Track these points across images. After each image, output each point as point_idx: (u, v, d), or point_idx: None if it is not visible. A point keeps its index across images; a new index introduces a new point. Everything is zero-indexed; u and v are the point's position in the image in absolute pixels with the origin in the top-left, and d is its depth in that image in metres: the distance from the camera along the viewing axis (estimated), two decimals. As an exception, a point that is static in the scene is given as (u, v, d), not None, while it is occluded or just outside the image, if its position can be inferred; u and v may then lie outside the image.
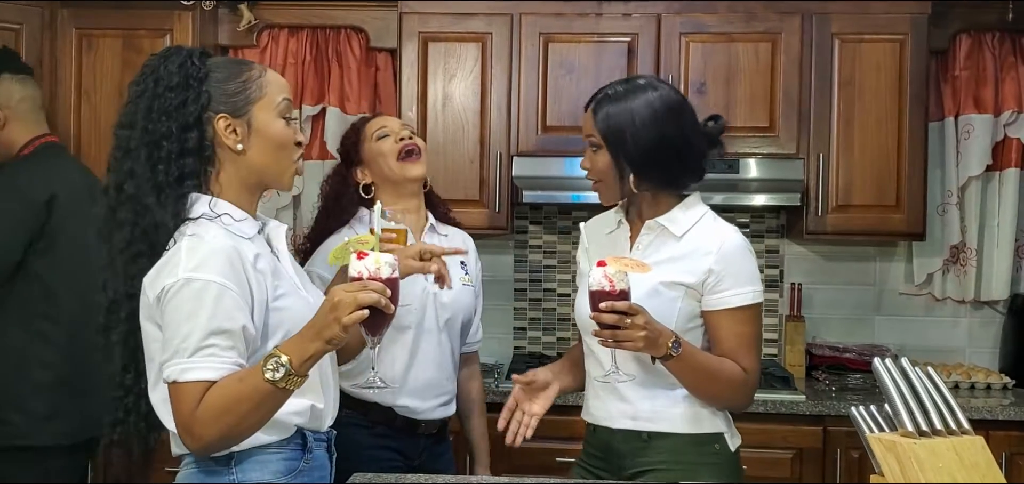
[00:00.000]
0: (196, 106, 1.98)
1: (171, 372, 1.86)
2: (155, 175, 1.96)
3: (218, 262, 1.88)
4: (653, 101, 2.35)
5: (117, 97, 3.92)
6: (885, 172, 3.77)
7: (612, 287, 2.15)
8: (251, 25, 3.99)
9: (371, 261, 1.89)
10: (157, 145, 1.97)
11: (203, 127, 1.99)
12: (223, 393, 1.85)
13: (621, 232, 2.48)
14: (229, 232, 1.96)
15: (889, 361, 1.83)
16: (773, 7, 3.79)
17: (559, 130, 3.82)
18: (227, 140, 2.00)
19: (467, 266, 2.88)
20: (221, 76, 2.02)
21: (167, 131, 1.97)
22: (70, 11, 3.94)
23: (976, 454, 1.75)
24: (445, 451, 2.88)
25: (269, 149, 2.04)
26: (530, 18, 3.84)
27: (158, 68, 2.02)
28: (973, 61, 3.97)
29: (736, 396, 2.38)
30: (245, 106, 2.02)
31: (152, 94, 2.00)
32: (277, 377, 1.82)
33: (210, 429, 1.86)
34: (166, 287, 1.88)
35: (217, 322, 1.86)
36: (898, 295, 4.19)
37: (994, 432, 3.40)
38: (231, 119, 2.00)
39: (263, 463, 1.98)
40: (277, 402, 1.88)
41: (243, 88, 2.02)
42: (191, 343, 1.85)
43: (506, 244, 4.24)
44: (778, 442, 3.49)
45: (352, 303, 1.83)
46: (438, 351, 2.75)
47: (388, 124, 2.82)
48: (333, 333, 1.83)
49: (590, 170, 2.42)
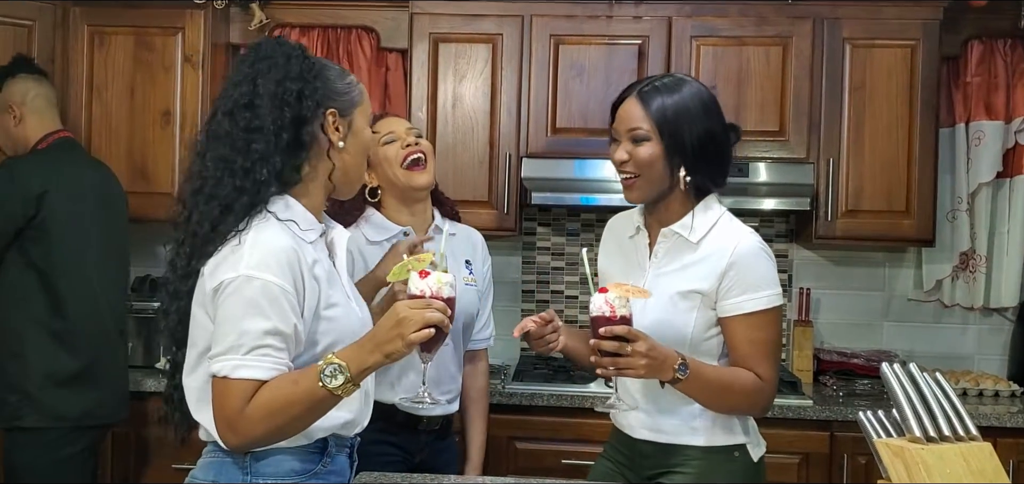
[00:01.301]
0: (312, 100, 1.99)
1: (222, 367, 1.86)
2: (259, 162, 1.94)
3: (279, 262, 1.89)
4: (701, 93, 2.34)
5: (128, 94, 3.95)
6: (895, 178, 3.76)
7: (613, 313, 2.14)
8: (262, 24, 4.00)
9: (433, 280, 1.95)
10: (275, 133, 1.95)
11: (314, 121, 2.00)
12: (275, 394, 1.86)
13: (640, 238, 2.45)
14: (292, 233, 1.96)
15: (897, 366, 1.82)
16: (785, 11, 3.78)
17: (569, 132, 3.82)
18: (333, 135, 2.02)
19: (472, 266, 2.87)
20: (331, 75, 2.05)
21: (282, 121, 1.96)
22: (82, 9, 3.96)
23: (984, 461, 1.74)
24: (447, 448, 2.86)
25: (359, 152, 2.09)
26: (541, 20, 3.84)
27: (276, 55, 2.00)
28: (984, 67, 3.96)
29: (753, 405, 2.35)
30: (350, 107, 2.05)
31: (276, 80, 1.97)
32: (335, 384, 1.84)
33: (256, 428, 1.87)
34: (225, 281, 1.88)
35: (274, 323, 1.87)
36: (907, 301, 4.19)
37: (1002, 439, 3.39)
38: (338, 117, 2.03)
39: (279, 463, 1.98)
40: (327, 408, 1.90)
41: (349, 89, 2.06)
42: (247, 341, 1.85)
43: (514, 246, 4.24)
44: (785, 447, 3.48)
45: (420, 321, 1.87)
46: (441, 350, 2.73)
47: (395, 128, 2.77)
48: (395, 348, 1.87)
49: (628, 162, 2.33)
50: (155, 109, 3.95)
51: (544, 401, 3.57)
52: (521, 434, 3.57)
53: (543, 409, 3.57)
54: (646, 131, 2.30)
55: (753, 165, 3.72)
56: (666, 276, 2.36)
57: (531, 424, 3.57)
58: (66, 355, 3.32)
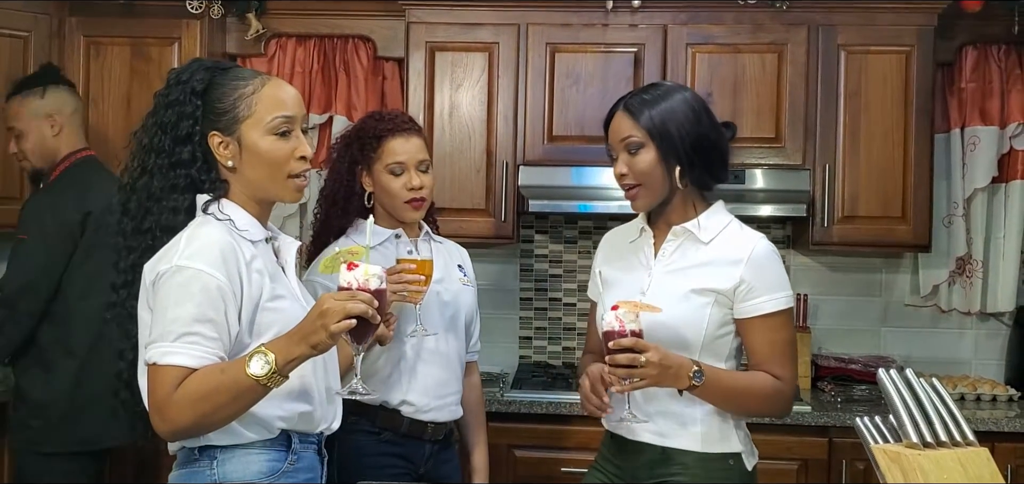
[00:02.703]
0: (189, 122, 2.05)
1: (152, 354, 1.90)
2: (156, 181, 2.05)
3: (212, 254, 1.94)
4: (688, 98, 2.39)
5: (125, 105, 3.94)
6: (891, 183, 3.77)
7: (623, 328, 2.18)
8: (259, 34, 4.00)
9: (360, 272, 1.95)
10: (157, 153, 2.05)
11: (199, 142, 2.06)
12: (203, 382, 1.89)
13: (644, 240, 2.47)
14: (230, 229, 2.01)
15: (894, 372, 1.83)
16: (780, 18, 3.79)
17: (565, 140, 3.83)
18: (220, 157, 2.06)
19: (465, 269, 2.88)
20: (216, 94, 2.07)
21: (160, 145, 2.05)
22: (78, 19, 3.96)
23: (981, 466, 1.74)
24: (450, 458, 2.85)
25: (261, 166, 2.07)
26: (537, 28, 3.85)
27: (169, 81, 2.10)
28: (979, 73, 3.97)
29: (773, 407, 2.40)
30: (234, 124, 2.06)
31: (156, 107, 2.09)
32: (260, 373, 1.87)
33: (184, 414, 1.89)
34: (160, 272, 1.94)
35: (203, 311, 1.91)
36: (904, 306, 4.19)
37: (999, 444, 3.40)
38: (223, 136, 2.06)
39: (246, 463, 2.01)
40: (255, 397, 1.92)
41: (233, 107, 2.06)
42: (176, 328, 1.90)
43: (512, 253, 4.24)
44: (783, 453, 3.49)
45: (340, 312, 1.87)
46: (444, 349, 2.74)
47: (405, 158, 2.68)
48: (319, 339, 1.88)
49: (628, 174, 2.37)
50: (151, 119, 3.94)
51: (543, 409, 3.57)
52: (520, 442, 3.57)
53: (542, 417, 3.57)
54: (639, 139, 2.35)
55: (749, 171, 3.73)
56: (676, 273, 2.38)
57: (530, 432, 3.57)
58: (86, 378, 3.31)
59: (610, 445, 2.50)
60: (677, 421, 2.36)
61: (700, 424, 2.36)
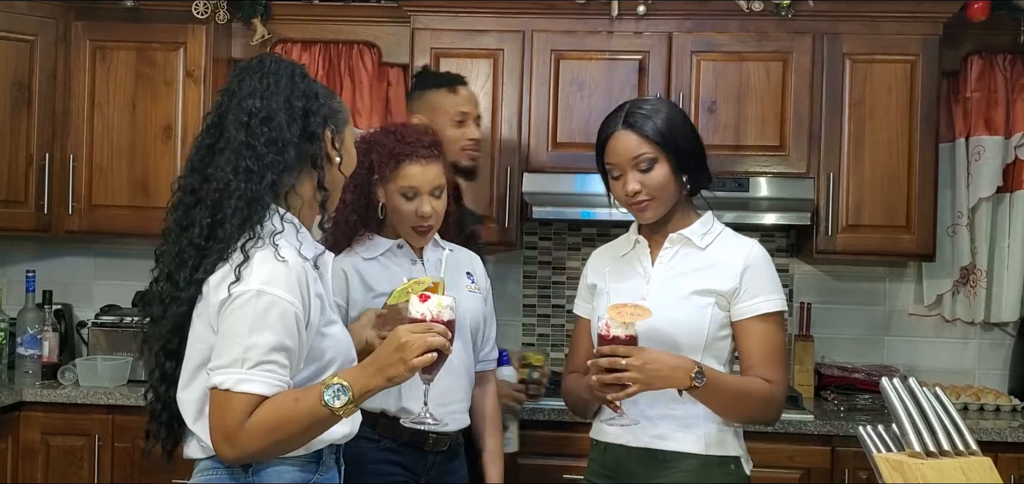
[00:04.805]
0: (318, 116, 2.01)
1: (225, 380, 1.85)
2: (255, 176, 1.93)
3: (290, 280, 1.89)
4: (676, 107, 2.49)
5: (130, 109, 3.96)
6: (895, 192, 3.77)
7: (607, 332, 2.20)
8: (264, 40, 4.01)
9: (434, 304, 1.95)
10: (286, 147, 1.95)
11: (317, 139, 2.01)
12: (277, 411, 1.86)
13: (639, 250, 2.47)
14: (299, 251, 1.96)
15: (897, 381, 1.82)
16: (785, 27, 3.79)
17: (569, 147, 3.83)
18: (331, 152, 2.04)
19: (474, 276, 2.82)
20: (324, 92, 2.07)
21: (293, 136, 1.97)
22: (84, 24, 3.97)
23: (983, 475, 1.74)
24: (456, 469, 2.75)
25: (348, 170, 2.11)
26: (542, 35, 3.85)
27: (281, 71, 2.00)
28: (984, 83, 3.97)
29: (767, 411, 2.41)
30: (343, 125, 2.08)
31: (285, 96, 1.98)
32: (337, 405, 1.85)
33: (255, 443, 1.87)
34: (234, 294, 1.87)
35: (281, 340, 1.87)
36: (907, 316, 4.19)
37: (1003, 454, 3.39)
38: (334, 134, 2.06)
39: (279, 475, 1.99)
40: (327, 427, 1.91)
41: (341, 108, 2.10)
42: (253, 356, 1.85)
43: (515, 259, 4.24)
44: (786, 462, 3.49)
45: (421, 346, 1.88)
46: (452, 357, 2.70)
47: (420, 183, 2.62)
48: (397, 372, 1.88)
49: (643, 189, 2.36)
50: (156, 124, 3.96)
51: (545, 416, 3.57)
52: (523, 449, 3.56)
53: (545, 423, 3.56)
54: (652, 154, 2.35)
55: (754, 180, 3.73)
56: (677, 277, 2.40)
57: (533, 439, 3.55)
58: None
59: (602, 459, 2.47)
60: (679, 423, 2.36)
61: (701, 426, 2.36)
